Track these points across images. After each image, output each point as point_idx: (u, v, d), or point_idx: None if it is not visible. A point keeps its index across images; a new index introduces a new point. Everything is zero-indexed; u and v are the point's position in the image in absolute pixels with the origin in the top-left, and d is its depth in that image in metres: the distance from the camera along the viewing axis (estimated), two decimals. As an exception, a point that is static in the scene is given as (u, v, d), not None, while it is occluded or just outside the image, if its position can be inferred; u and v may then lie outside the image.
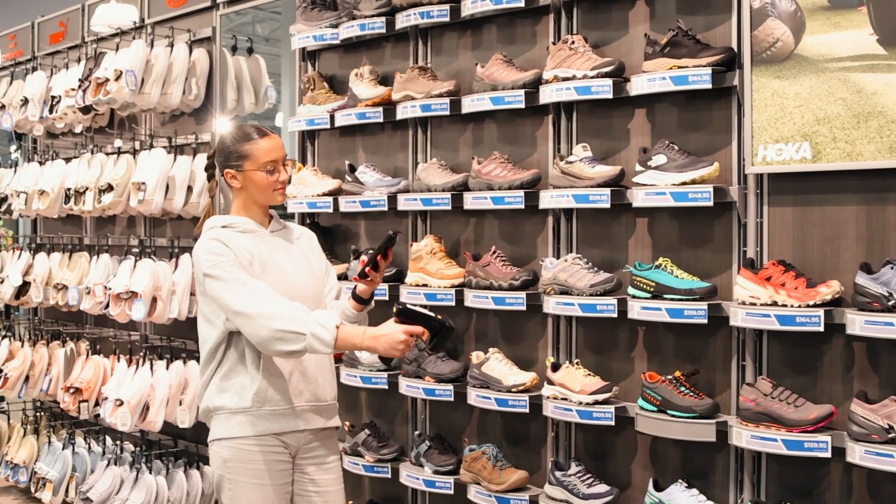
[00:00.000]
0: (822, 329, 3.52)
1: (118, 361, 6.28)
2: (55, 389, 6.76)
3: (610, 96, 4.07)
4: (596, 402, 4.10)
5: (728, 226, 3.96)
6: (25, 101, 6.93)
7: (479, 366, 4.50)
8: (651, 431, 3.97)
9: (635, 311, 3.95)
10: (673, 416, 3.86)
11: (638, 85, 3.99)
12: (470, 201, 4.51)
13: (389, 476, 4.91)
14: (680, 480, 3.95)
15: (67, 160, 6.81)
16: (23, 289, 6.91)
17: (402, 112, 4.82)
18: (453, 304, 4.56)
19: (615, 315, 4.04)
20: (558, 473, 4.26)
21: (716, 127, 3.99)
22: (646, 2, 4.22)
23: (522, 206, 4.33)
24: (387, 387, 4.92)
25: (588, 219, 4.39)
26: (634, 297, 3.98)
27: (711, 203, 3.77)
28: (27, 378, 6.95)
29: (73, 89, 6.42)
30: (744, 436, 3.66)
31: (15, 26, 7.97)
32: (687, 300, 3.84)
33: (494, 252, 4.53)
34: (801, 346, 3.76)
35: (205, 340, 3.52)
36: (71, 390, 6.37)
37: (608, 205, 4.04)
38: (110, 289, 5.99)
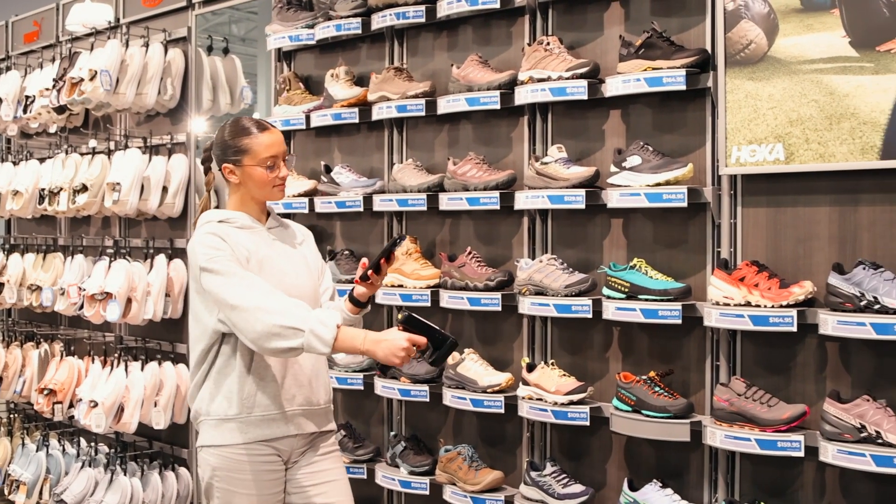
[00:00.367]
0: (795, 329, 3.54)
1: (93, 363, 6.26)
2: (29, 391, 6.72)
3: (585, 97, 4.08)
4: (571, 403, 4.11)
5: (702, 226, 3.98)
6: (-1, 101, 6.90)
7: (455, 366, 4.51)
8: (626, 431, 3.98)
9: (610, 312, 3.96)
10: (647, 416, 3.88)
11: (613, 86, 4.00)
12: (445, 202, 4.52)
13: (365, 477, 4.91)
14: (655, 480, 3.96)
15: (42, 160, 6.77)
16: (-4, 290, 6.87)
17: (378, 113, 4.82)
18: (429, 305, 4.57)
19: (590, 315, 4.05)
20: (534, 474, 4.27)
21: (690, 128, 4.01)
22: (620, 3, 4.24)
23: (498, 207, 4.34)
24: (362, 387, 4.91)
25: (563, 219, 4.40)
26: (609, 298, 3.99)
27: (685, 204, 3.79)
28: (0, 380, 6.90)
29: (48, 89, 6.38)
30: (718, 435, 3.68)
31: (-11, 26, 7.92)
32: (661, 301, 3.85)
33: (470, 253, 4.53)
34: (775, 346, 3.79)
35: (196, 341, 3.40)
36: (45, 392, 6.34)
37: (583, 206, 4.05)
38: (85, 290, 5.96)
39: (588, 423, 4.09)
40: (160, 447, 6.25)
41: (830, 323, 3.44)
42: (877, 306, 3.37)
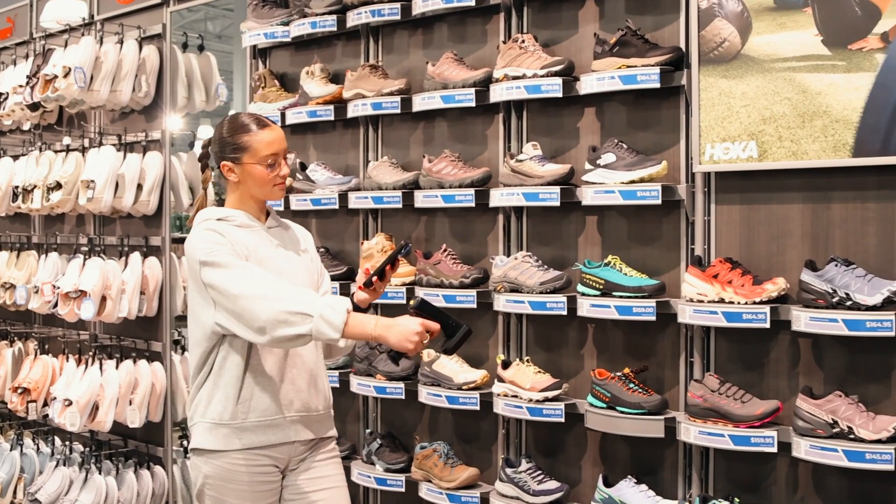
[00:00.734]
0: (769, 326, 3.56)
1: (67, 361, 6.23)
2: (2, 390, 6.68)
3: (560, 95, 4.09)
4: (546, 400, 4.12)
5: (676, 224, 4.00)
6: (-28, 98, 6.85)
7: (430, 363, 4.51)
8: (600, 428, 4.00)
9: (585, 309, 3.97)
10: (622, 413, 3.89)
11: (587, 84, 4.02)
12: (421, 199, 4.52)
13: (341, 474, 4.90)
14: (629, 476, 3.97)
15: (15, 157, 6.74)
16: (-31, 288, 6.83)
17: (353, 110, 4.82)
18: (404, 302, 4.57)
19: (565, 312, 4.06)
20: (509, 470, 4.28)
21: (664, 126, 4.03)
22: (595, 1, 4.25)
23: (473, 205, 4.35)
24: (338, 385, 4.91)
25: (538, 217, 4.41)
26: (584, 295, 4.01)
27: (660, 201, 3.81)
28: (-26, 378, 6.87)
29: (21, 86, 6.34)
30: (692, 431, 3.70)
31: (-39, 22, 7.86)
32: (636, 297, 3.87)
33: (445, 250, 4.54)
34: (748, 343, 3.81)
35: (196, 344, 3.28)
36: (19, 390, 6.30)
37: (558, 203, 4.06)
38: (59, 288, 5.94)
39: (563, 420, 4.10)
40: (135, 446, 6.22)
41: (803, 319, 3.46)
42: (849, 303, 3.40)
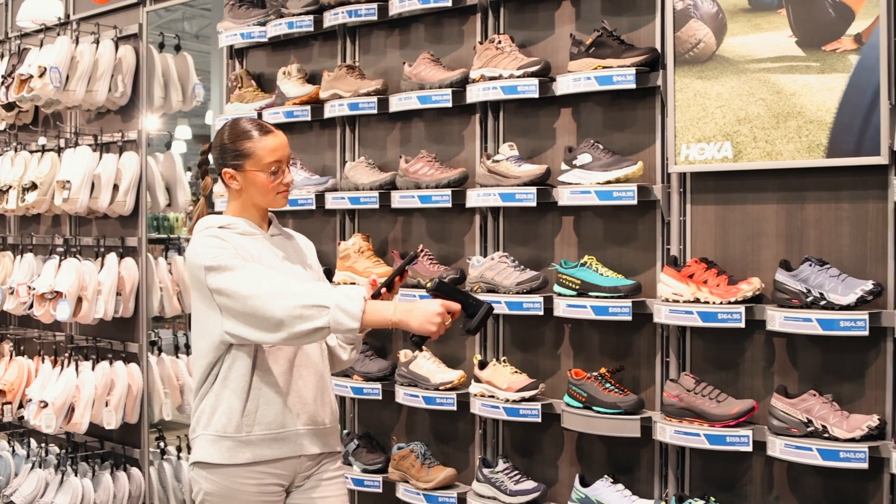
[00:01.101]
0: (744, 325, 3.58)
1: (42, 362, 6.20)
2: (-22, 391, 6.65)
3: (536, 96, 4.10)
4: (523, 400, 4.13)
5: (652, 224, 4.01)
6: (-53, 98, 6.80)
7: (407, 364, 4.51)
8: (577, 428, 4.01)
9: (561, 309, 3.98)
10: (598, 413, 3.90)
11: (563, 85, 4.03)
12: (397, 200, 4.52)
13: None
14: (606, 476, 3.98)
15: (-10, 158, 6.70)
16: (-56, 289, 6.78)
17: (330, 111, 4.81)
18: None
19: (541, 313, 4.07)
20: (486, 470, 4.28)
21: (640, 126, 4.04)
22: (571, 2, 4.26)
23: (450, 205, 4.35)
24: (315, 386, 4.90)
25: (515, 217, 4.42)
26: (560, 295, 4.01)
27: (635, 201, 3.82)
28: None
29: (-4, 86, 6.32)
30: (667, 431, 3.71)
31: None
32: (612, 297, 3.88)
33: (422, 250, 4.54)
34: (724, 343, 3.83)
35: (202, 355, 3.14)
36: (-6, 392, 6.28)
37: (534, 203, 4.07)
38: (34, 289, 5.91)
39: (540, 420, 4.10)
40: (112, 447, 6.20)
41: (778, 319, 3.48)
42: (823, 302, 3.42)
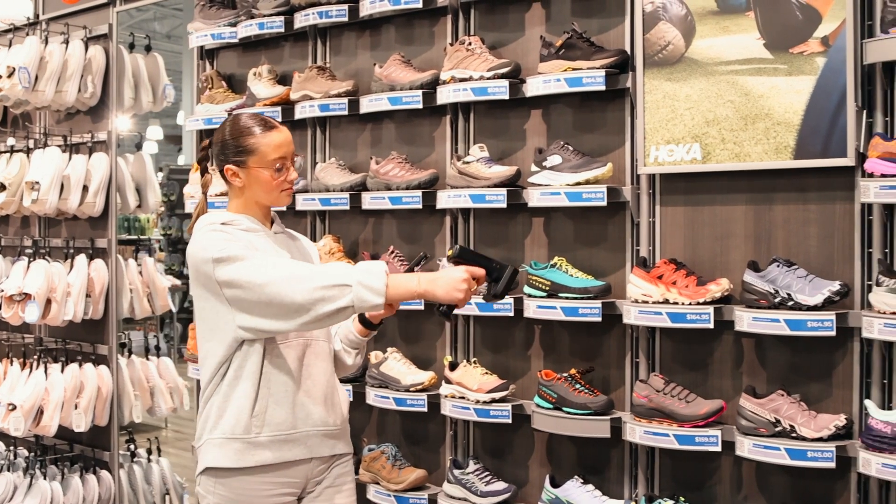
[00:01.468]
0: (712, 326, 3.60)
1: (11, 365, 6.13)
2: (-54, 394, 6.59)
3: (506, 97, 4.11)
4: (493, 401, 4.14)
5: (621, 225, 4.03)
6: (-86, 98, 6.75)
7: (378, 365, 4.51)
8: (547, 428, 4.01)
9: (531, 310, 3.99)
10: (568, 413, 3.91)
11: (533, 86, 4.03)
12: (368, 201, 4.52)
13: (289, 477, 4.88)
14: (576, 476, 4.00)
15: (-42, 159, 6.64)
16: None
17: (301, 112, 4.80)
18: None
19: (512, 314, 4.07)
20: (457, 472, 4.28)
21: (609, 128, 4.06)
22: (542, 4, 4.27)
23: (420, 206, 4.34)
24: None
25: (485, 218, 4.42)
26: (530, 296, 4.02)
27: (605, 203, 3.83)
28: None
29: (-36, 86, 6.27)
30: (637, 431, 3.73)
31: None
32: (581, 299, 3.89)
33: (393, 252, 4.53)
34: (693, 343, 3.84)
35: (211, 354, 3.03)
36: (-38, 395, 6.22)
37: (504, 205, 4.08)
38: (3, 290, 5.85)
39: (510, 421, 4.11)
40: (81, 450, 6.16)
41: (746, 319, 3.50)
42: (790, 303, 3.44)
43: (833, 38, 3.45)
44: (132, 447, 6.19)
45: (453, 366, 4.31)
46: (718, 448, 3.59)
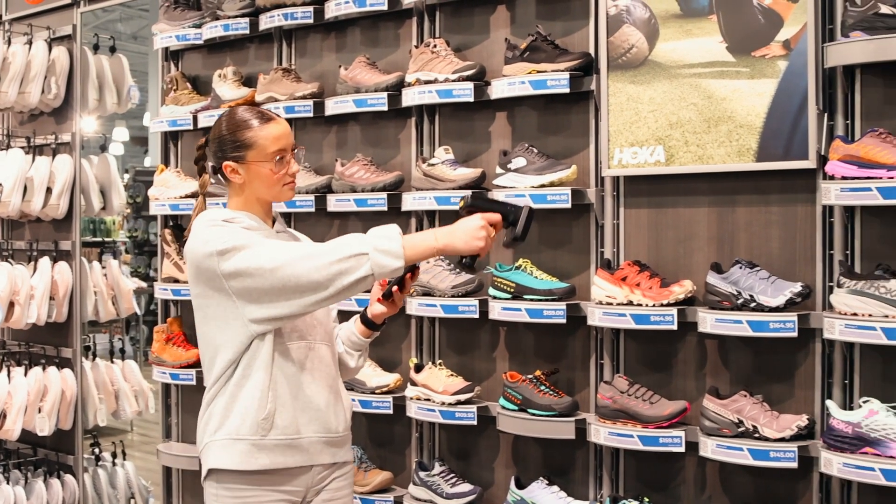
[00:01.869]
0: (676, 327, 3.62)
1: (-26, 368, 6.10)
2: None
3: (471, 99, 4.11)
4: (458, 403, 4.14)
5: (586, 227, 4.04)
6: None
7: (344, 368, 4.50)
8: (512, 430, 4.02)
9: (496, 312, 4.00)
10: (533, 415, 3.92)
11: (498, 89, 4.04)
12: (333, 203, 4.51)
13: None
14: (541, 478, 4.01)
15: (-80, 161, 6.58)
16: None
17: (266, 113, 4.78)
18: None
19: (477, 316, 4.08)
20: (422, 474, 4.29)
21: (574, 130, 4.07)
22: (506, 7, 4.28)
23: (385, 208, 4.34)
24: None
25: (450, 220, 4.30)
26: (495, 298, 4.03)
27: (570, 205, 3.85)
28: None
29: (-74, 87, 6.21)
30: (602, 433, 3.74)
31: None
32: (546, 300, 3.90)
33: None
34: (657, 344, 3.86)
35: (218, 354, 2.90)
36: (-76, 399, 6.16)
37: (470, 207, 4.08)
38: (-35, 293, 5.82)
39: (475, 423, 4.12)
40: (45, 454, 6.12)
41: (709, 321, 3.53)
42: (753, 304, 3.47)
43: (794, 42, 3.48)
44: (97, 451, 6.15)
45: (419, 368, 4.31)
46: (682, 449, 3.61)
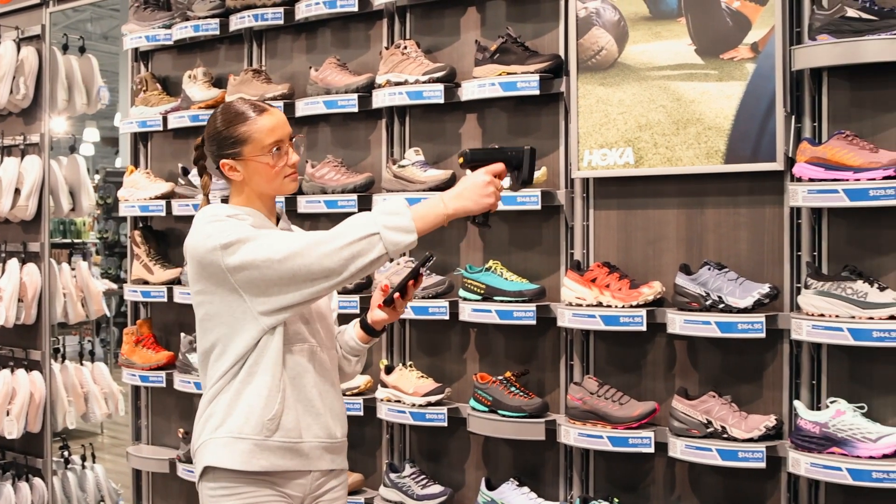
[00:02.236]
0: (645, 328, 3.64)
1: (-59, 371, 6.05)
2: None
3: (441, 101, 4.12)
4: (429, 404, 4.14)
5: (556, 229, 4.05)
6: None
7: (314, 369, 4.49)
8: (483, 431, 4.03)
9: (466, 313, 4.00)
10: (504, 416, 3.93)
11: (468, 90, 4.05)
12: (304, 205, 4.50)
13: (225, 482, 4.84)
14: (511, 479, 4.01)
15: None
16: None
17: (236, 115, 4.77)
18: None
19: (447, 317, 4.09)
20: (393, 475, 4.28)
21: (544, 132, 4.08)
22: (477, 9, 4.29)
23: (356, 210, 4.33)
24: (222, 392, 4.85)
25: (421, 222, 4.41)
26: (465, 300, 4.04)
27: (539, 206, 3.86)
28: None
29: None
30: (571, 434, 3.75)
31: None
32: (516, 302, 3.91)
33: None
34: (626, 346, 3.88)
35: (226, 351, 2.81)
36: None
37: (440, 208, 4.08)
38: (-68, 295, 5.77)
39: (446, 424, 4.12)
40: (13, 457, 6.07)
41: (678, 322, 3.54)
42: (721, 305, 3.48)
43: (762, 45, 3.50)
44: (66, 454, 6.11)
45: (389, 369, 4.31)
46: (651, 449, 3.63)
